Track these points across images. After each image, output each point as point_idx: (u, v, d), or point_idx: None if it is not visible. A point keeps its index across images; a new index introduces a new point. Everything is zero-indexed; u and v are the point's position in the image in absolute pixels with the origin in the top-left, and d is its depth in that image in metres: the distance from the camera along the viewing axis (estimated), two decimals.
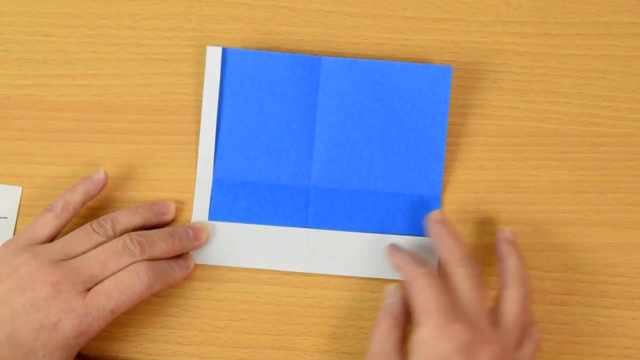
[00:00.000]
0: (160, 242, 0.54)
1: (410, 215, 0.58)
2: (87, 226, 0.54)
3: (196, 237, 0.57)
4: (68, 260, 0.52)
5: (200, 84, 0.60)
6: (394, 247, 0.56)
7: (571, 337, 0.57)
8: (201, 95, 0.60)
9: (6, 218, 0.58)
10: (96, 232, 0.53)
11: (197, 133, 0.59)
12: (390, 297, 0.54)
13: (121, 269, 0.52)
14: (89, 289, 0.51)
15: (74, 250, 0.53)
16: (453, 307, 0.50)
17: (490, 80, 0.60)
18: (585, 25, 0.61)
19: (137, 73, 0.60)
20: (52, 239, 0.54)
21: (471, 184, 0.59)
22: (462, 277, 0.52)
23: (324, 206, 0.58)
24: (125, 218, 0.55)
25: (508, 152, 0.59)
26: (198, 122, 0.59)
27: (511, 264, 0.54)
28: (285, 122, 0.58)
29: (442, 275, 0.53)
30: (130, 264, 0.52)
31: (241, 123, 0.58)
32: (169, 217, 0.57)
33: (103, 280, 0.52)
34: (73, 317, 0.50)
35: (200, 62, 0.60)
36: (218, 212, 0.58)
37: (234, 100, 0.59)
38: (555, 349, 0.57)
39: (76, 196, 0.55)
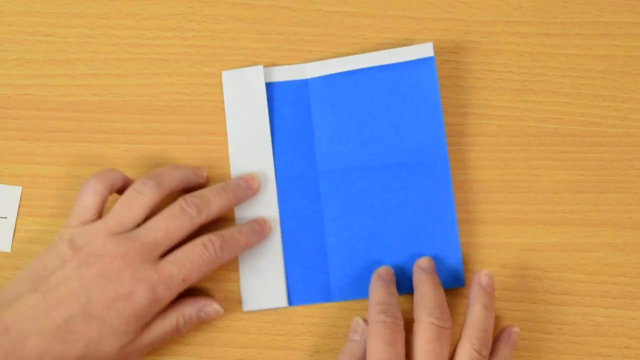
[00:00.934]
0: (215, 198, 0.55)
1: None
2: (129, 190, 0.54)
3: (249, 187, 0.57)
4: (129, 232, 0.52)
5: (200, 84, 0.60)
6: (376, 277, 0.55)
7: (571, 337, 0.57)
8: (202, 95, 0.60)
9: (6, 218, 0.58)
10: (141, 194, 0.53)
11: (197, 133, 0.59)
12: (355, 334, 0.54)
13: (184, 235, 0.53)
14: (157, 260, 0.52)
15: (127, 220, 0.52)
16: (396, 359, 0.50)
17: (490, 80, 0.60)
18: (585, 25, 0.61)
19: (137, 73, 0.60)
20: (101, 213, 0.54)
21: (471, 184, 0.59)
22: (424, 326, 0.51)
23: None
24: (169, 174, 0.55)
25: (508, 152, 0.59)
26: (198, 122, 0.59)
27: (473, 312, 0.53)
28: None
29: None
30: (192, 228, 0.53)
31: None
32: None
33: (169, 248, 0.52)
34: (146, 285, 0.51)
35: (200, 62, 0.60)
36: None
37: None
38: (555, 349, 0.57)
39: (110, 173, 0.55)
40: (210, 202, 0.54)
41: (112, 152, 0.59)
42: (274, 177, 0.58)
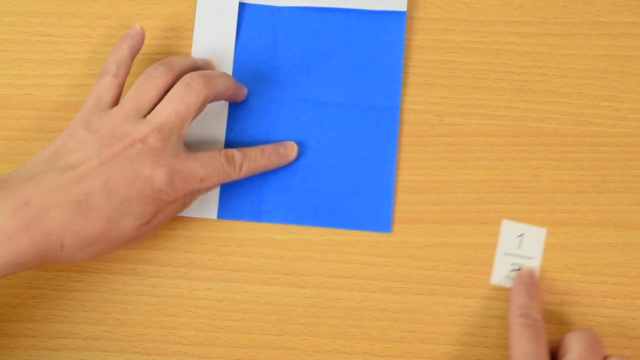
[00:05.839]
0: (218, 78, 0.55)
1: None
2: (143, 75, 0.54)
3: (241, 86, 0.58)
4: (144, 118, 0.52)
5: None
6: (518, 281, 0.56)
7: None
8: None
9: None
10: (154, 77, 0.54)
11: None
12: None
13: (194, 111, 0.53)
14: (178, 147, 0.52)
15: (142, 103, 0.53)
16: (542, 355, 0.51)
17: (490, 80, 0.60)
18: (585, 25, 0.61)
19: (137, 73, 0.60)
20: (117, 100, 0.54)
21: (471, 184, 0.59)
22: (578, 334, 0.52)
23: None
24: (177, 60, 0.56)
25: (508, 152, 0.59)
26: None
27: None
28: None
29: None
30: (199, 104, 0.53)
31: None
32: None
33: (184, 129, 0.53)
34: (167, 171, 0.51)
35: None
36: None
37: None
38: None
39: (124, 53, 0.55)
40: (215, 79, 0.55)
41: None
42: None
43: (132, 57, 0.56)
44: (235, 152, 0.55)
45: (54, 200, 0.49)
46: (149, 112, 0.53)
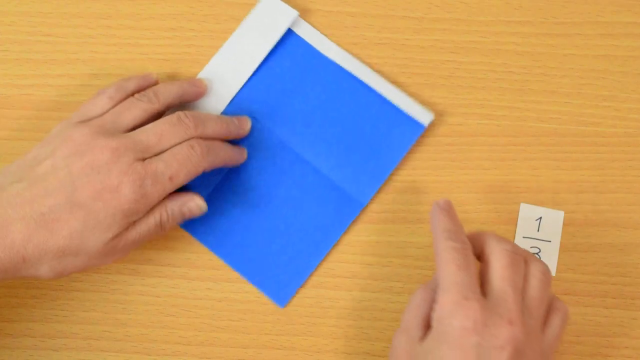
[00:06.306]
0: (210, 122, 0.55)
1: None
2: (127, 100, 0.55)
3: (241, 126, 0.58)
4: (124, 133, 0.53)
5: None
6: (437, 208, 0.52)
7: (571, 337, 0.57)
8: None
9: None
10: (140, 100, 0.54)
11: None
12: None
13: (176, 144, 0.53)
14: (146, 159, 0.52)
15: (123, 119, 0.53)
16: (471, 284, 0.47)
17: (490, 80, 0.60)
18: (585, 25, 0.61)
19: (137, 73, 0.60)
20: None
21: (471, 184, 0.59)
22: (497, 254, 0.49)
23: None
24: (165, 88, 0.56)
25: (508, 152, 0.59)
26: None
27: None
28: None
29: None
30: (184, 139, 0.53)
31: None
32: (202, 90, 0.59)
33: (160, 153, 0.53)
34: (133, 180, 0.51)
35: (200, 63, 0.60)
36: None
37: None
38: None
39: (129, 84, 0.56)
40: (206, 123, 0.55)
41: None
42: (227, 102, 0.59)
43: (134, 93, 0.56)
44: (199, 141, 0.54)
45: (17, 213, 0.49)
46: (126, 131, 0.53)
